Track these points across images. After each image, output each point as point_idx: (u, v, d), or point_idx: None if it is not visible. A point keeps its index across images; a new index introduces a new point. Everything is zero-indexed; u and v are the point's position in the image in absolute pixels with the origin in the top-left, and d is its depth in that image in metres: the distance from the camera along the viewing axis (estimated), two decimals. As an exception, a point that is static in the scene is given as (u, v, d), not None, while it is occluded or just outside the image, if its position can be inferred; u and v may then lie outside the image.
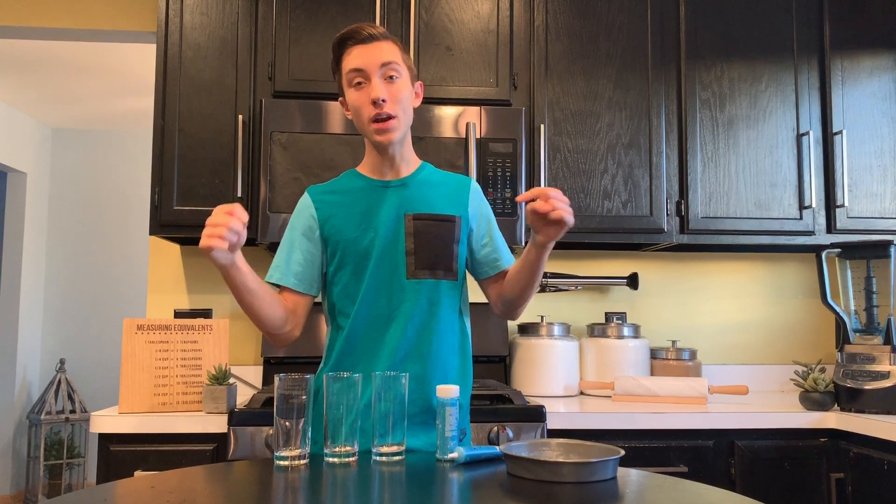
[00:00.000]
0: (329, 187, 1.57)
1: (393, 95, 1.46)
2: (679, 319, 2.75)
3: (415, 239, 1.50)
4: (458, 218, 1.55)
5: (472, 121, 2.28)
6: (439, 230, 1.52)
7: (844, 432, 2.06)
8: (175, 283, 2.60)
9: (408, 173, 1.56)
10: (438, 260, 1.51)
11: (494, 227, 1.62)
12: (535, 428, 1.96)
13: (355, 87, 1.48)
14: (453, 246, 1.54)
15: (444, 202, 1.55)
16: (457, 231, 1.54)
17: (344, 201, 1.53)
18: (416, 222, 1.51)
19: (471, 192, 1.59)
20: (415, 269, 1.49)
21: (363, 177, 1.56)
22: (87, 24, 2.73)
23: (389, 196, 1.53)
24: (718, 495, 1.08)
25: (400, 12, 2.37)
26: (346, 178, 1.58)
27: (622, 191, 2.42)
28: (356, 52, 1.47)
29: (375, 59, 1.45)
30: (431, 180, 1.58)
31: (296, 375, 1.27)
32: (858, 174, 2.50)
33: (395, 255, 1.50)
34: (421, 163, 1.60)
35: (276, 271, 1.52)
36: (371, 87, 1.45)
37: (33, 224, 5.24)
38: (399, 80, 1.48)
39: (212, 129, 2.31)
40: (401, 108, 1.48)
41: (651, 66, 2.46)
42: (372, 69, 1.45)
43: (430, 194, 1.55)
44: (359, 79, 1.47)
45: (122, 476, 1.91)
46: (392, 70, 1.47)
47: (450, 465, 1.28)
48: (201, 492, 1.08)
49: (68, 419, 4.93)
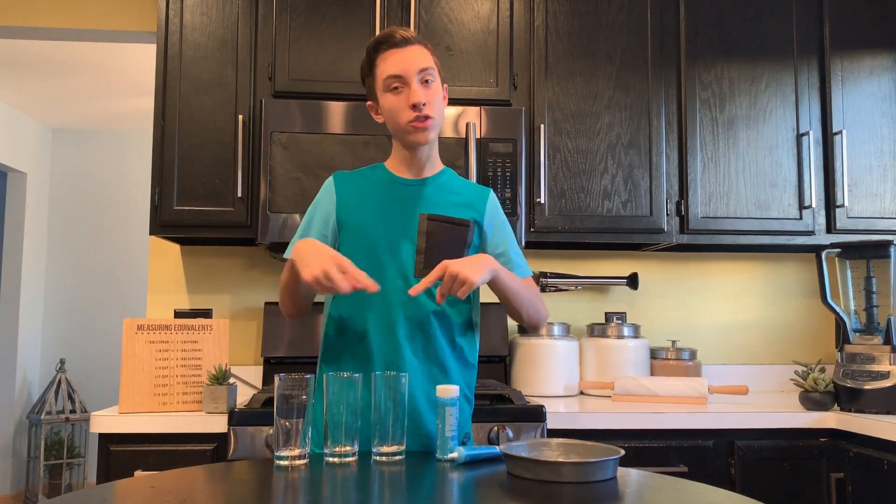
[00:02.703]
0: (354, 175, 1.61)
1: (430, 99, 1.49)
2: (679, 319, 2.75)
3: (427, 238, 1.51)
4: (473, 223, 1.56)
5: (472, 121, 2.28)
6: (452, 233, 1.53)
7: (844, 432, 2.06)
8: (175, 283, 2.60)
9: (430, 174, 1.58)
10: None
11: (511, 239, 1.63)
12: (535, 428, 1.96)
13: (392, 91, 1.50)
14: (464, 250, 1.55)
15: (461, 207, 1.57)
16: (469, 235, 1.55)
17: (364, 190, 1.57)
18: (429, 222, 1.52)
19: (488, 203, 1.61)
20: (423, 268, 1.51)
21: (387, 171, 1.59)
22: (88, 24, 2.73)
23: (408, 193, 1.55)
24: (718, 495, 1.08)
25: (400, 12, 2.37)
26: (372, 170, 1.61)
27: (622, 191, 2.42)
28: (393, 58, 1.49)
29: (413, 64, 1.48)
30: (451, 185, 1.60)
31: (296, 375, 1.27)
32: (858, 174, 2.50)
33: (406, 251, 1.51)
34: (444, 167, 1.62)
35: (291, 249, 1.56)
36: (411, 93, 1.48)
37: (33, 224, 5.24)
38: (434, 84, 1.51)
39: (212, 129, 2.31)
40: (437, 111, 1.51)
41: (651, 66, 2.46)
42: (410, 75, 1.48)
43: (448, 197, 1.57)
44: (396, 83, 1.49)
45: (122, 476, 1.91)
46: (428, 74, 1.50)
47: (450, 465, 1.28)
48: (201, 492, 1.08)
49: (68, 419, 4.93)
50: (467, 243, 1.55)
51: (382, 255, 1.51)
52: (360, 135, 2.24)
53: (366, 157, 2.22)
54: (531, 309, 1.58)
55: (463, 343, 1.55)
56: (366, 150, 2.23)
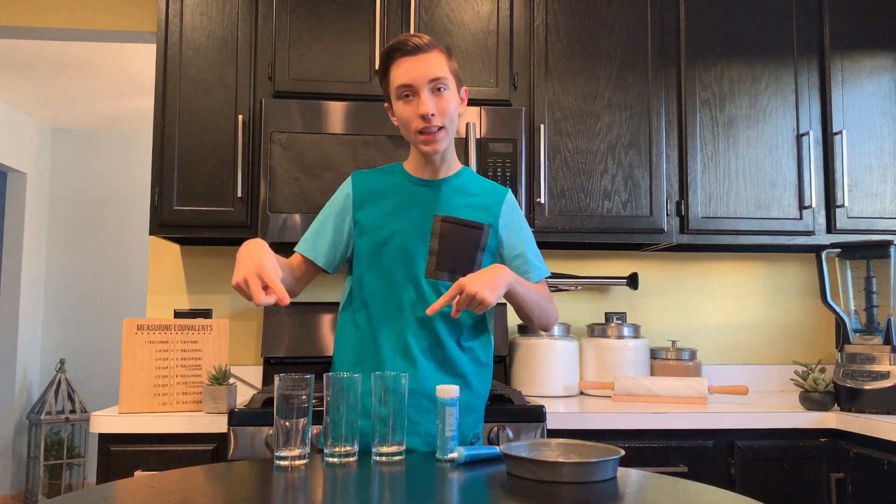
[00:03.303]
0: (371, 174, 1.62)
1: (441, 109, 1.49)
2: (679, 319, 2.75)
3: (440, 240, 1.52)
4: (487, 226, 1.56)
5: (472, 121, 2.28)
6: (465, 235, 1.54)
7: (844, 432, 2.06)
8: (175, 283, 2.60)
9: (446, 175, 1.58)
10: (459, 264, 1.53)
11: (528, 240, 1.63)
12: (535, 428, 1.96)
13: (404, 99, 1.50)
14: (476, 253, 1.55)
15: (476, 209, 1.57)
16: (483, 238, 1.56)
17: (380, 191, 1.57)
18: (443, 224, 1.53)
19: (505, 203, 1.61)
20: (434, 269, 1.51)
21: (405, 172, 1.60)
22: (88, 24, 2.73)
23: (423, 194, 1.56)
24: (718, 495, 1.08)
25: (400, 12, 2.37)
26: (389, 170, 1.62)
27: (622, 191, 2.42)
28: (404, 66, 1.48)
29: (423, 73, 1.47)
30: (468, 186, 1.60)
31: (296, 375, 1.27)
32: (858, 174, 2.50)
33: (419, 252, 1.52)
34: (462, 167, 1.62)
35: (306, 244, 1.59)
36: (420, 102, 1.47)
37: (33, 224, 5.24)
38: (447, 92, 1.50)
39: (212, 129, 2.31)
40: (448, 120, 1.50)
41: (651, 66, 2.46)
42: (420, 84, 1.47)
43: (463, 199, 1.57)
44: (407, 92, 1.49)
45: (122, 476, 1.91)
46: (440, 84, 1.49)
47: (450, 465, 1.28)
48: (201, 492, 1.08)
49: (68, 419, 4.93)
50: (480, 246, 1.56)
51: (396, 255, 1.52)
52: (360, 135, 2.24)
53: (366, 157, 2.22)
54: (542, 314, 1.59)
55: (474, 344, 1.56)
56: (366, 150, 2.23)
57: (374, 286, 1.53)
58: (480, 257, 1.56)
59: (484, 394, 1.59)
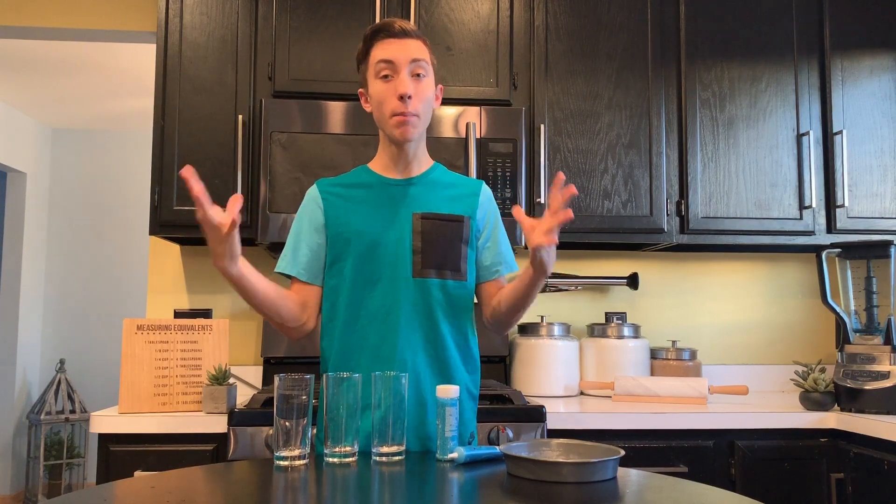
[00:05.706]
0: (338, 181, 1.58)
1: (419, 94, 1.47)
2: (679, 319, 2.75)
3: (422, 238, 1.50)
4: (467, 218, 1.55)
5: (472, 121, 2.28)
6: (447, 230, 1.52)
7: (844, 432, 2.06)
8: (175, 283, 2.60)
9: (419, 172, 1.56)
10: (446, 260, 1.51)
11: (500, 231, 1.61)
12: (535, 428, 1.96)
13: (382, 78, 1.47)
14: (461, 246, 1.53)
15: (453, 203, 1.55)
16: (465, 231, 1.54)
17: (352, 196, 1.54)
18: (423, 221, 1.51)
19: (481, 195, 1.59)
20: (421, 268, 1.49)
21: (373, 173, 1.56)
22: (88, 24, 2.73)
23: (398, 193, 1.53)
24: (718, 495, 1.08)
25: (400, 12, 2.37)
26: (356, 174, 1.58)
27: (622, 191, 2.42)
28: (388, 45, 1.47)
29: (406, 53, 1.46)
30: (442, 181, 1.58)
31: (296, 375, 1.27)
32: (858, 174, 2.50)
33: (402, 252, 1.49)
34: (433, 163, 1.60)
35: (284, 261, 1.55)
36: (399, 81, 1.45)
37: (33, 224, 5.24)
38: (426, 80, 1.49)
39: (212, 129, 2.31)
40: (423, 108, 1.48)
41: (651, 66, 2.46)
42: (402, 63, 1.46)
43: (440, 194, 1.55)
44: (387, 71, 1.47)
45: (122, 476, 1.91)
46: (420, 68, 1.47)
47: (450, 465, 1.28)
48: (201, 492, 1.08)
49: (68, 419, 4.93)
50: (464, 239, 1.54)
51: (377, 258, 1.49)
52: (360, 135, 2.24)
53: (365, 157, 2.22)
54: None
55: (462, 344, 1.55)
56: (366, 151, 2.23)
57: (357, 292, 1.49)
58: (466, 250, 1.54)
59: (476, 393, 1.58)
